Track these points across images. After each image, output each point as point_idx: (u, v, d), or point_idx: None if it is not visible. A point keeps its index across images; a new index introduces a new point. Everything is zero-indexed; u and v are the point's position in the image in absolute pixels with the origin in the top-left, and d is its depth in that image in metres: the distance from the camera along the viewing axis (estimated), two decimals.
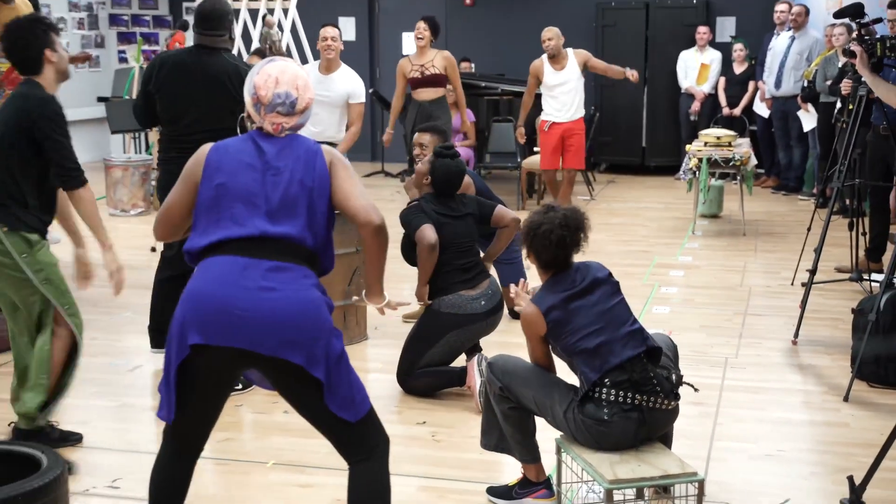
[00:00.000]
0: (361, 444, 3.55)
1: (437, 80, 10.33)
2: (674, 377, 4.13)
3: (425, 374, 5.72)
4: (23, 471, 4.15)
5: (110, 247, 4.86)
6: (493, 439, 4.43)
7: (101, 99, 14.52)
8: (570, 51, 10.42)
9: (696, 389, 4.43)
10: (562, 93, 10.30)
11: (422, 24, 10.11)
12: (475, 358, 5.63)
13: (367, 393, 3.56)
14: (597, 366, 4.01)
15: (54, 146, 4.65)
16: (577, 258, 4.29)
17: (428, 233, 5.70)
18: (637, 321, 4.18)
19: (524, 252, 4.30)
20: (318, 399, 3.43)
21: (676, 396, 4.13)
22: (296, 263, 3.49)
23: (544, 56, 10.38)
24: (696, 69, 13.26)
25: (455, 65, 10.58)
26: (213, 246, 3.49)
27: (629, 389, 4.00)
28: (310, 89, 3.66)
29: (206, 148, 3.64)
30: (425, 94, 10.39)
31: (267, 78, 3.56)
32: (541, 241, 4.13)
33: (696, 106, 13.14)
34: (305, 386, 3.44)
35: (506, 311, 6.17)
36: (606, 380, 4.00)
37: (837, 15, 7.03)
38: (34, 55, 4.73)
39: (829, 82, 10.19)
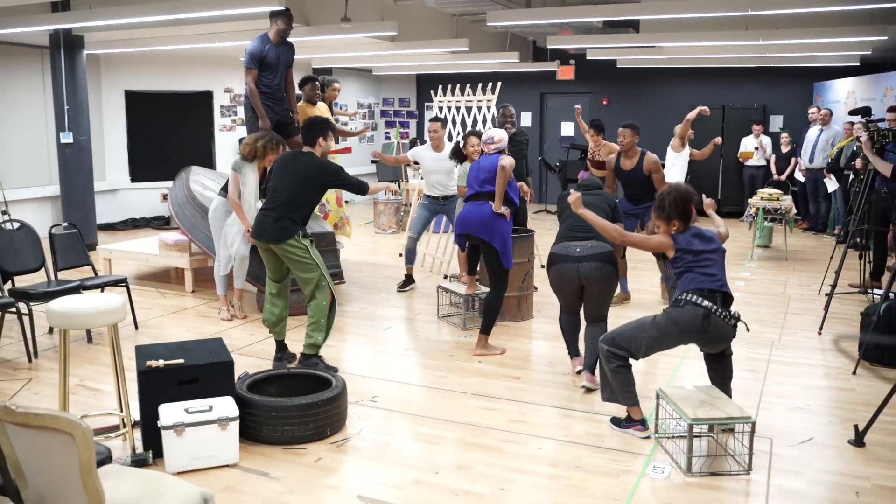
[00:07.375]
0: (499, 284, 5.50)
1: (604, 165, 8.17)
2: (735, 314, 4.02)
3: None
4: (318, 387, 4.35)
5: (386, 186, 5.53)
6: (607, 392, 4.32)
7: (373, 161, 14.90)
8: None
9: (748, 329, 4.40)
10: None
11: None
12: (577, 369, 5.20)
13: (512, 262, 5.54)
14: (693, 282, 3.98)
15: (344, 182, 5.11)
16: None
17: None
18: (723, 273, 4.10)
19: (655, 216, 4.17)
20: (497, 257, 5.42)
21: (735, 319, 4.02)
22: (486, 201, 5.48)
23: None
24: (750, 149, 12.79)
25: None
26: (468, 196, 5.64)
27: (702, 295, 3.95)
28: (501, 134, 5.69)
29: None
30: (597, 172, 8.24)
31: (484, 134, 5.80)
32: (679, 201, 4.08)
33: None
34: (491, 251, 5.42)
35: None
36: (692, 291, 3.98)
37: (852, 112, 6.65)
38: (312, 137, 5.11)
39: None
